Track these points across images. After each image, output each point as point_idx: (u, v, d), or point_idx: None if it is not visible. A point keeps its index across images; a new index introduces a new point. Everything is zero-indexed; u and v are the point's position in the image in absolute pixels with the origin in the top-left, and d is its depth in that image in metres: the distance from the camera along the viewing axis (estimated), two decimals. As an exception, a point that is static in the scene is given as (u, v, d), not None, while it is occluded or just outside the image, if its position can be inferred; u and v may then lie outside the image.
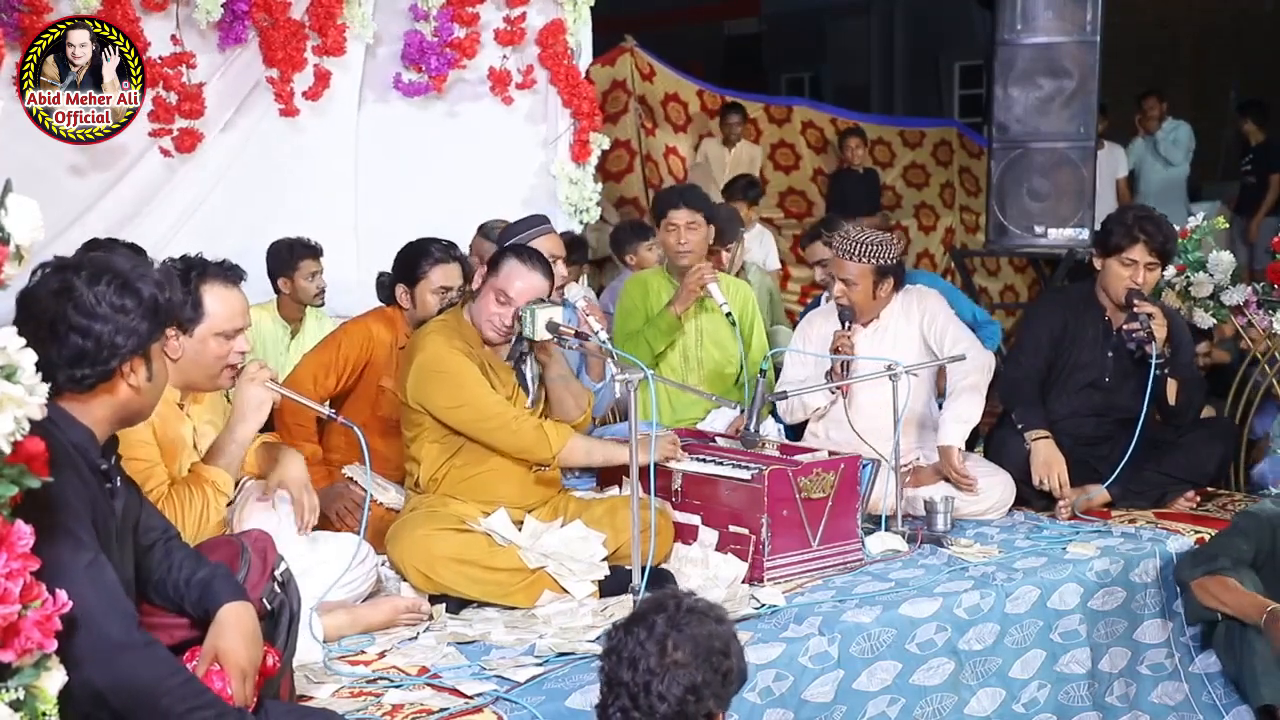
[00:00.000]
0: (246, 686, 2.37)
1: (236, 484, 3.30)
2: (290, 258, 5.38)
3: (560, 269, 4.35)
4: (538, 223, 4.48)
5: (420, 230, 4.45)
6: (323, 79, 5.45)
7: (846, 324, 4.43)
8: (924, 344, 4.50)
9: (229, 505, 3.24)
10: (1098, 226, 4.90)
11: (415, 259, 4.23)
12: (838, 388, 4.38)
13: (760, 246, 7.85)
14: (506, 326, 3.72)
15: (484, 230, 5.12)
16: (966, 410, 4.37)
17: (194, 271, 3.12)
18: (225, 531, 3.15)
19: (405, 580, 3.59)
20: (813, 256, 5.49)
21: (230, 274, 3.18)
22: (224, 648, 2.38)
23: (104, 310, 2.21)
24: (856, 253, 4.39)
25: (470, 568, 3.53)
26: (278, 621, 2.64)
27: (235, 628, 2.41)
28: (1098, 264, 4.61)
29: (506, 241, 4.17)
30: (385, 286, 4.43)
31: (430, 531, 3.57)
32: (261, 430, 3.37)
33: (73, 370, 2.21)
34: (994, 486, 4.46)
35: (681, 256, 4.86)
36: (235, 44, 5.28)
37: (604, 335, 3.88)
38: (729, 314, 4.73)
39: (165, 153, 5.16)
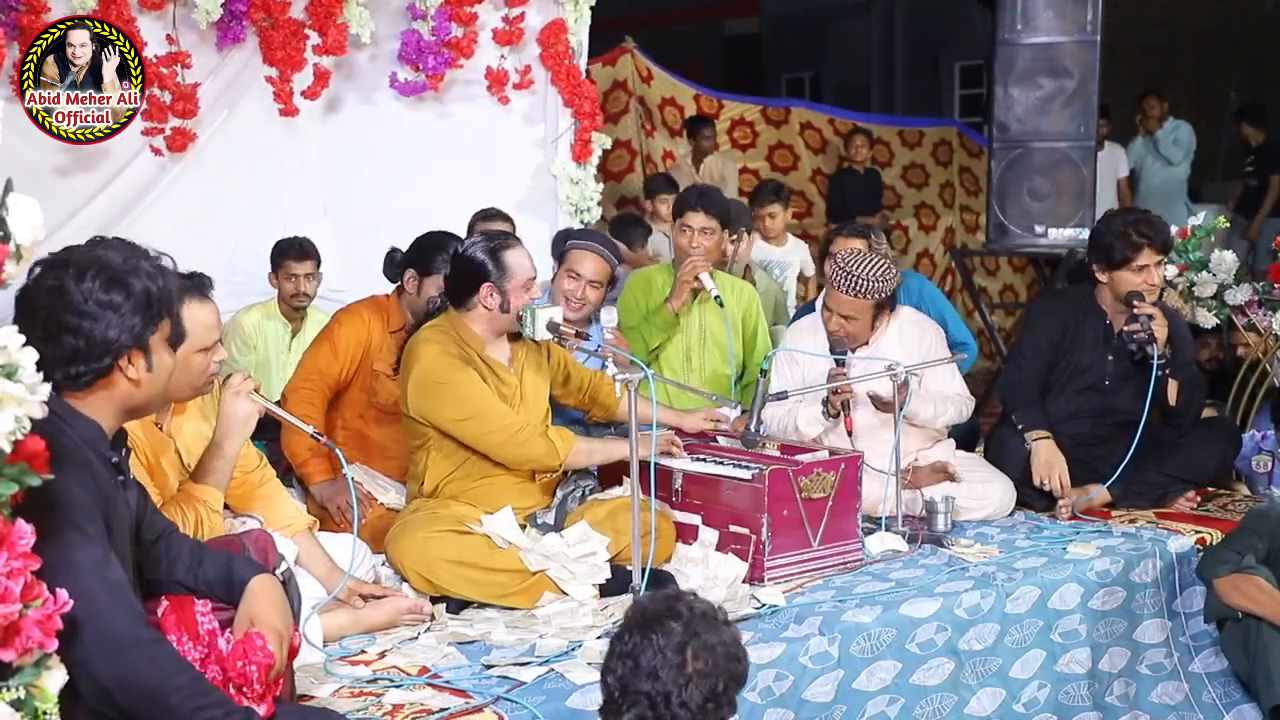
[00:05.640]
0: (282, 650, 2.42)
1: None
2: (277, 256, 5.37)
3: (592, 294, 4.42)
4: (594, 238, 4.59)
5: (413, 229, 4.43)
6: (322, 78, 5.45)
7: (844, 361, 4.24)
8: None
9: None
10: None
11: (434, 252, 4.17)
12: (838, 418, 4.25)
13: (798, 253, 7.51)
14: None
15: (487, 215, 5.16)
16: (938, 409, 4.38)
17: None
18: None
19: (405, 581, 3.58)
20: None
21: (201, 288, 3.06)
22: (259, 613, 2.45)
23: (92, 308, 2.19)
24: (858, 289, 4.22)
25: (470, 570, 3.52)
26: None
27: (267, 595, 2.49)
28: (1102, 277, 4.51)
29: (562, 243, 4.60)
30: (394, 264, 4.39)
31: (430, 534, 3.56)
32: (262, 430, 3.36)
33: (68, 369, 2.20)
34: (993, 492, 4.45)
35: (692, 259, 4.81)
36: (233, 44, 5.27)
37: (614, 369, 3.89)
38: (717, 296, 4.71)
39: (156, 151, 5.15)
